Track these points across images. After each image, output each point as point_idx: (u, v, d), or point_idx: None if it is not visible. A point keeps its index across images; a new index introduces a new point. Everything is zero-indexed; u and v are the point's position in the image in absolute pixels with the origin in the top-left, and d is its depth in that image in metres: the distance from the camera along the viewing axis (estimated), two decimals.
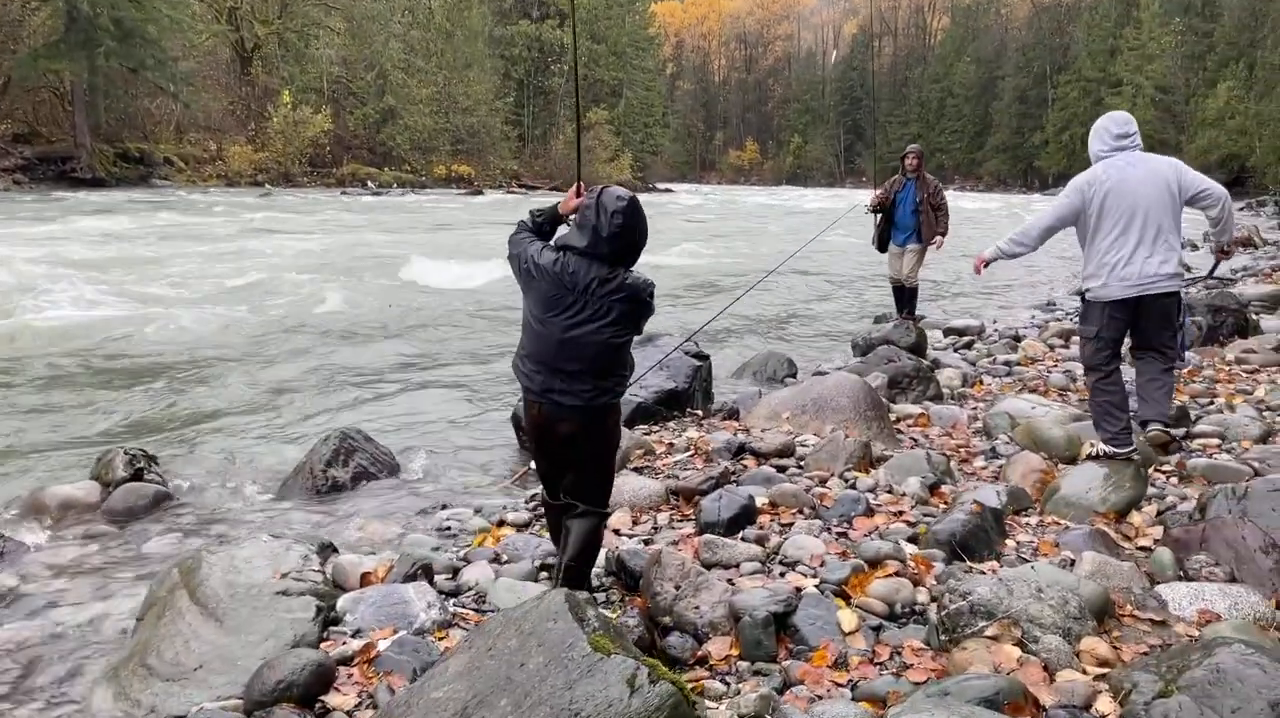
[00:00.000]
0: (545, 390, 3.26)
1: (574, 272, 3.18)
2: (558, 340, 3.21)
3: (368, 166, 56.96)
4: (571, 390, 3.23)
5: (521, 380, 3.36)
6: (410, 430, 6.45)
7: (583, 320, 3.18)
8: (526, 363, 3.32)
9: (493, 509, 4.81)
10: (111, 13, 39.96)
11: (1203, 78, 68.85)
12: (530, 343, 3.31)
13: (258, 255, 16.00)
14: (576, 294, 3.18)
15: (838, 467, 4.73)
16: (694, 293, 13.87)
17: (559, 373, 3.23)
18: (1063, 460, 5.15)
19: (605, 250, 3.18)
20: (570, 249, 3.22)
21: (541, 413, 3.32)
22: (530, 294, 3.30)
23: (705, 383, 6.63)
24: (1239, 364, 7.86)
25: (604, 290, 3.17)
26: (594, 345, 3.20)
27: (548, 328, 3.23)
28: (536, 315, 3.27)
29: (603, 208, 3.18)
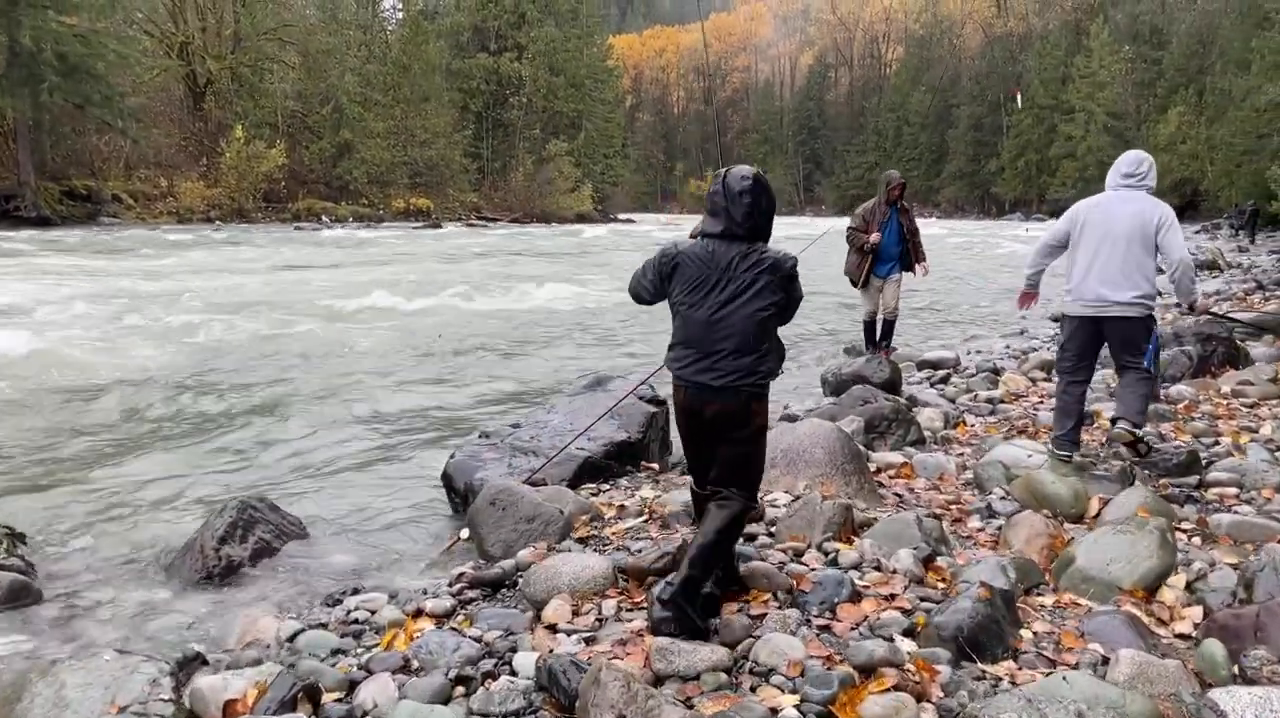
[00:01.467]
0: (694, 374, 3.39)
1: (713, 252, 3.39)
2: (707, 321, 3.37)
3: (324, 201, 56.16)
4: (719, 370, 3.35)
5: (672, 368, 3.50)
6: (327, 493, 5.68)
7: (729, 298, 3.35)
8: (677, 349, 3.47)
9: (410, 595, 4.07)
10: (56, 48, 38.92)
11: (1153, 104, 69.95)
12: (680, 329, 3.46)
13: (182, 295, 15.09)
14: (720, 273, 3.37)
15: (815, 536, 4.05)
16: (647, 329, 13.18)
17: (709, 354, 3.36)
18: (1069, 520, 4.51)
19: (741, 230, 3.38)
20: (708, 235, 3.43)
21: (689, 397, 3.45)
22: (676, 285, 3.47)
23: (662, 431, 5.94)
24: (1236, 398, 7.32)
25: (746, 265, 3.36)
26: (742, 321, 3.34)
27: (697, 310, 3.39)
28: (685, 300, 3.43)
29: (730, 190, 3.39)
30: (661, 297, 3.59)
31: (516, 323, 13.58)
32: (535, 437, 5.53)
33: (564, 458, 5.16)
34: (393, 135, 60.80)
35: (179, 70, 53.70)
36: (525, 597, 3.78)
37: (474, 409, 8.11)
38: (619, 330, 13.15)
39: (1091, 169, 74.29)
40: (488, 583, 4.06)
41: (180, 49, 54.01)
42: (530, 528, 4.46)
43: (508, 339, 12.07)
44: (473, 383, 9.28)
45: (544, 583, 3.73)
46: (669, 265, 3.48)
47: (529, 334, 12.54)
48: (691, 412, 3.47)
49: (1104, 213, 5.08)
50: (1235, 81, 49.62)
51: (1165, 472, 5.31)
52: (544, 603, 3.66)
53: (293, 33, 59.07)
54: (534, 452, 5.31)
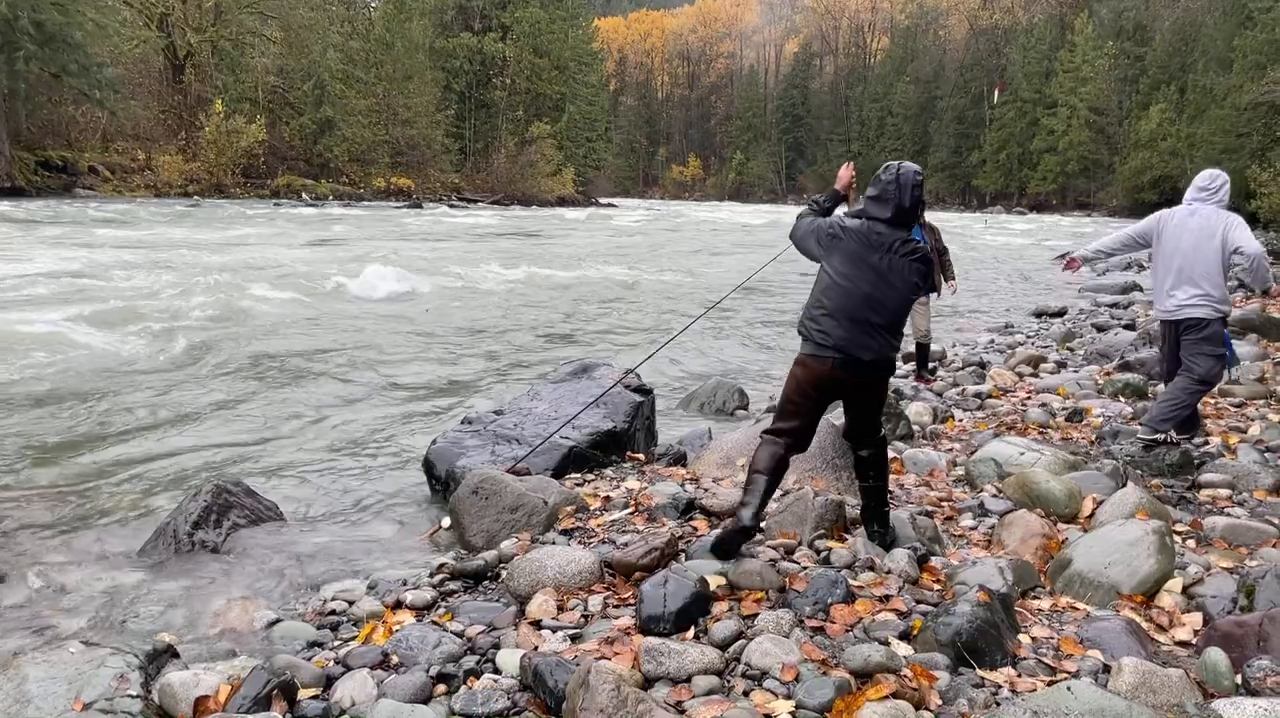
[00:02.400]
0: (844, 344, 3.61)
1: (879, 234, 3.65)
2: (865, 296, 3.61)
3: (304, 178, 55.56)
4: (869, 346, 3.61)
5: (815, 340, 3.67)
6: (304, 477, 5.53)
7: (885, 278, 3.62)
8: (824, 319, 3.65)
9: (389, 585, 3.95)
10: (32, 15, 38.21)
11: (1135, 100, 70.23)
12: (834, 299, 3.65)
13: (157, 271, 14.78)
14: (881, 254, 3.63)
15: (806, 533, 3.95)
16: (635, 317, 13.06)
17: (862, 327, 3.60)
18: (1063, 519, 4.44)
19: (906, 219, 3.68)
20: (873, 218, 3.68)
21: (833, 370, 3.64)
22: (835, 255, 3.70)
23: (648, 421, 5.83)
24: (1224, 397, 7.29)
25: (903, 252, 3.64)
26: (895, 302, 3.64)
27: (854, 283, 3.63)
28: (842, 272, 3.66)
29: (903, 183, 3.65)
30: (814, 258, 3.85)
31: (502, 305, 13.42)
32: (519, 424, 5.41)
33: (548, 447, 5.05)
34: (374, 113, 60.14)
35: (158, 42, 52.76)
36: (508, 590, 3.67)
37: (457, 393, 7.97)
38: (603, 315, 13.01)
39: (1073, 164, 74.72)
40: (469, 575, 3.95)
41: (160, 20, 53.08)
42: (514, 518, 4.35)
43: (492, 321, 11.91)
44: (456, 366, 9.14)
45: (528, 577, 3.63)
46: (831, 236, 3.74)
47: (514, 317, 12.39)
48: (829, 379, 3.67)
49: (1177, 225, 5.50)
50: (1217, 80, 49.95)
51: (1158, 472, 5.27)
52: (528, 597, 3.55)
53: (274, 6, 58.12)
54: (517, 439, 5.19)
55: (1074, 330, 11.46)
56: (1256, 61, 40.35)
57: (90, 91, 43.35)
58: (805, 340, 3.73)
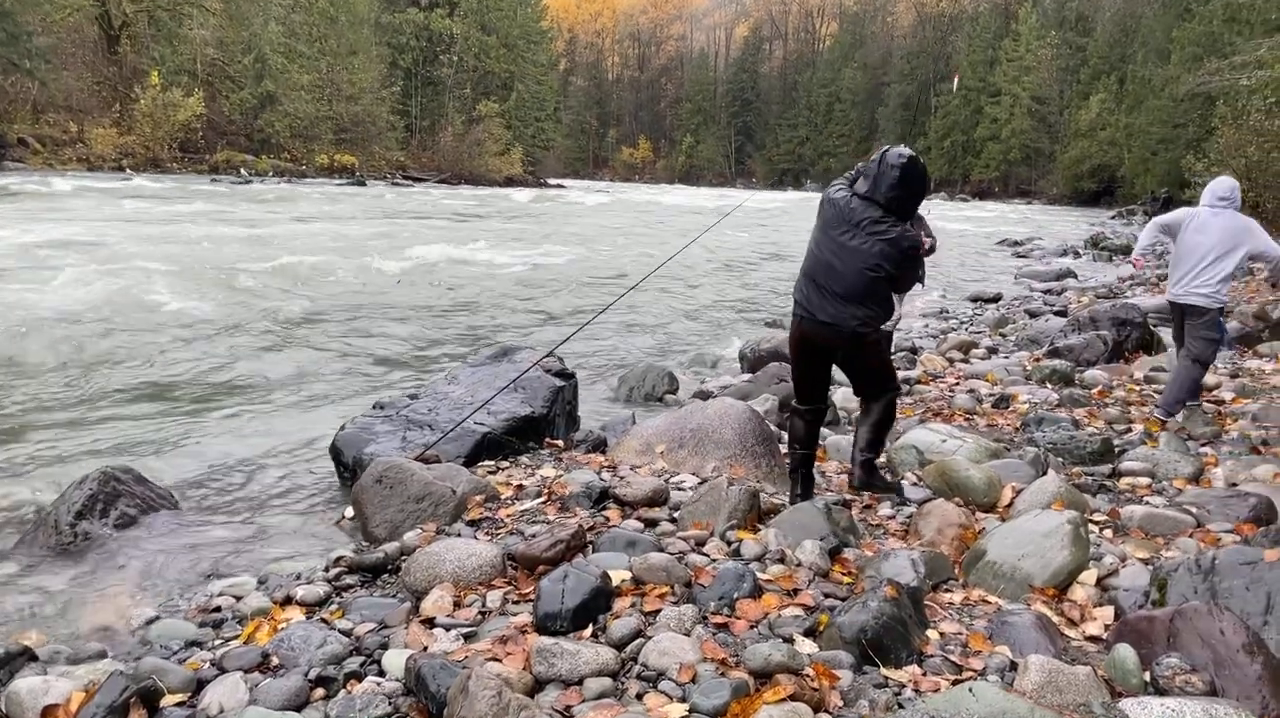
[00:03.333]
0: (810, 306, 3.92)
1: (853, 208, 3.84)
2: (825, 263, 3.88)
3: (244, 153, 54.24)
4: (827, 311, 3.87)
5: (795, 296, 4.02)
6: (206, 464, 5.28)
7: (845, 247, 3.83)
8: (802, 279, 3.97)
9: (281, 580, 3.75)
10: None
11: (1076, 90, 71.32)
12: (806, 263, 3.96)
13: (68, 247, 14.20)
14: (849, 227, 3.83)
15: (719, 523, 3.83)
16: (563, 299, 12.82)
17: (822, 292, 3.89)
18: (981, 509, 4.38)
19: (880, 199, 3.81)
20: (856, 193, 3.87)
21: (803, 326, 3.99)
22: (817, 222, 3.96)
23: (569, 406, 5.66)
24: (1149, 384, 7.34)
25: (872, 229, 3.80)
26: (852, 273, 3.82)
27: (820, 248, 3.91)
28: (816, 239, 3.95)
29: (885, 162, 3.80)
30: None
31: (436, 287, 13.13)
32: (434, 409, 5.21)
33: (461, 433, 4.86)
34: (318, 89, 58.85)
35: (92, 10, 51.02)
36: (405, 585, 3.50)
37: (376, 377, 7.73)
38: (539, 299, 12.79)
39: (1015, 152, 75.74)
40: (368, 568, 3.77)
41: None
42: (419, 508, 4.16)
43: (423, 304, 11.62)
44: (378, 350, 8.84)
45: (425, 571, 3.46)
46: (820, 204, 4.00)
47: (448, 300, 12.11)
48: (804, 338, 4.03)
49: (1201, 222, 6.15)
50: (1155, 71, 50.86)
51: (1079, 459, 5.24)
52: (424, 593, 3.39)
53: None
54: (430, 425, 5.00)
55: (1007, 316, 11.52)
56: (1194, 53, 41.05)
57: (19, 61, 41.94)
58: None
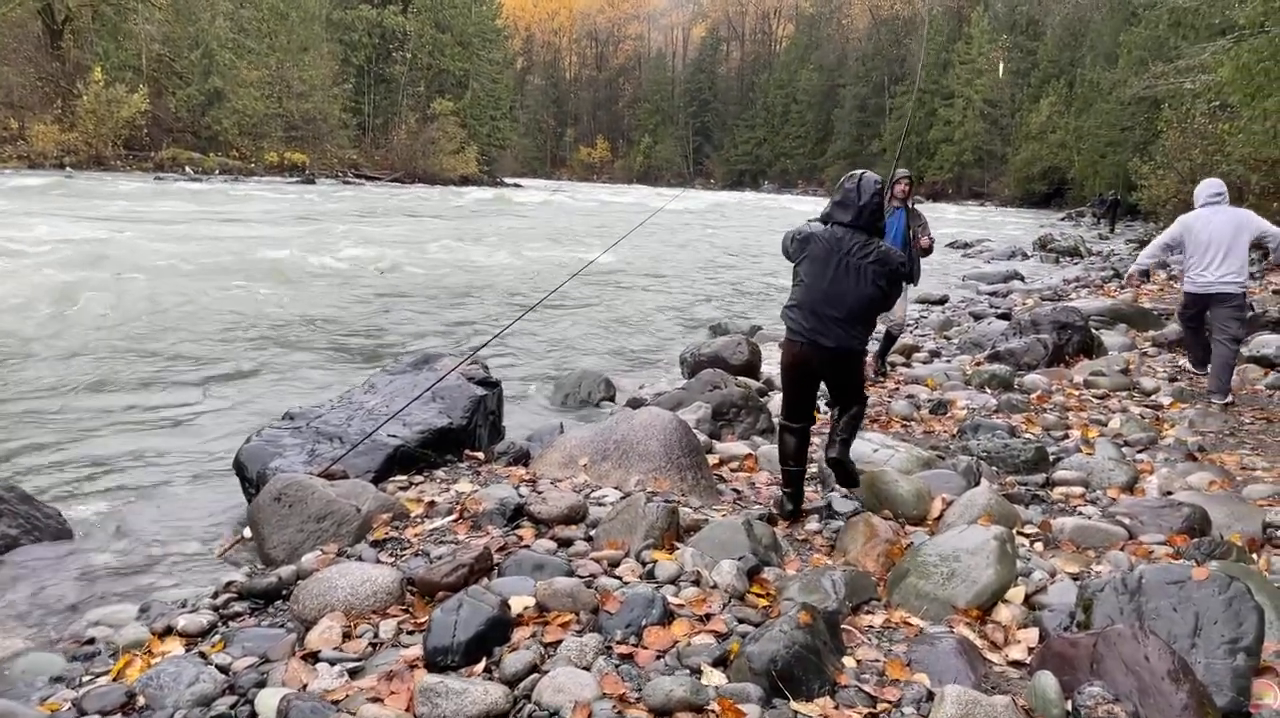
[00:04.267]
0: (809, 333, 4.14)
1: (840, 238, 4.10)
2: (824, 292, 4.09)
3: (190, 151, 53.14)
4: (828, 334, 4.12)
5: (789, 325, 4.25)
6: (101, 480, 5.00)
7: (843, 278, 4.07)
8: (795, 310, 4.20)
9: (164, 608, 3.51)
10: None
11: (1027, 93, 72.23)
12: (799, 295, 4.20)
13: None
14: (841, 256, 4.07)
15: (635, 542, 3.64)
16: (500, 300, 12.51)
17: (821, 319, 4.10)
18: (911, 522, 4.24)
19: (864, 222, 4.10)
20: (836, 222, 4.14)
21: (803, 350, 4.21)
22: (804, 256, 4.19)
23: (492, 416, 5.44)
24: (1088, 388, 7.28)
25: (861, 254, 4.07)
26: (851, 296, 4.08)
27: (816, 280, 4.11)
28: (809, 272, 4.16)
29: (863, 190, 4.09)
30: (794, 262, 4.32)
31: (366, 289, 12.82)
32: (347, 420, 4.97)
33: (371, 446, 4.63)
34: (267, 85, 57.82)
35: (34, 5, 49.71)
36: (294, 614, 3.27)
37: (291, 387, 7.33)
38: (474, 300, 12.53)
39: (968, 154, 76.51)
40: (259, 594, 3.53)
41: None
42: (320, 528, 3.93)
43: (349, 305, 11.28)
44: (297, 357, 8.42)
45: (316, 598, 3.24)
46: (802, 240, 4.22)
47: (378, 304, 11.81)
48: (803, 361, 4.24)
49: (1205, 221, 6.74)
50: (1103, 74, 51.57)
51: (1013, 468, 5.13)
52: (313, 622, 3.16)
53: None
54: (341, 438, 4.76)
55: (952, 319, 11.48)
56: (1140, 57, 41.63)
57: None
58: (785, 326, 4.32)
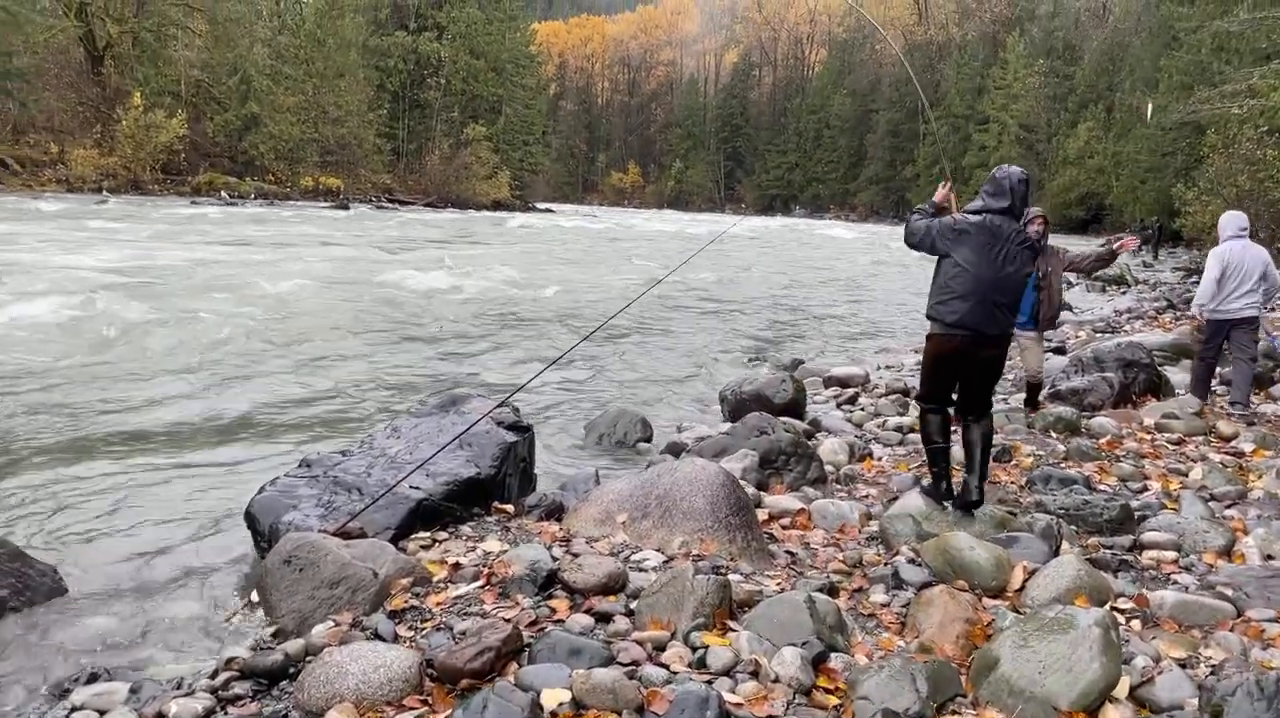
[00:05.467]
0: (975, 322, 4.35)
1: (998, 225, 4.35)
2: (991, 279, 4.31)
3: (227, 175, 53.67)
4: (997, 321, 4.38)
5: (946, 321, 4.42)
6: (104, 533, 4.64)
7: (1006, 263, 4.33)
8: (954, 301, 4.36)
9: (157, 688, 3.14)
10: None
11: (1064, 118, 71.41)
12: (962, 285, 4.35)
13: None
14: (1002, 243, 4.32)
15: (682, 622, 3.23)
16: (536, 334, 12.07)
17: (991, 306, 4.34)
18: (989, 593, 3.79)
19: (1019, 210, 4.41)
20: (991, 211, 4.39)
21: (963, 341, 4.41)
22: (963, 247, 4.38)
23: (523, 463, 5.05)
24: (1160, 432, 6.78)
25: (1019, 239, 4.35)
26: (1015, 283, 4.39)
27: (982, 269, 4.32)
28: (971, 260, 4.34)
29: (1013, 179, 4.42)
30: (933, 253, 4.55)
31: (390, 318, 12.52)
32: (368, 468, 4.60)
33: (392, 499, 4.25)
34: (303, 111, 58.45)
35: (74, 31, 50.55)
36: (298, 704, 2.88)
37: (316, 424, 6.93)
38: (508, 333, 12.18)
39: None
40: (262, 674, 3.15)
41: (79, 9, 50.76)
42: (333, 596, 3.56)
43: (377, 336, 10.94)
44: (321, 390, 8.02)
45: (324, 686, 2.85)
46: (957, 232, 4.41)
47: (405, 331, 11.50)
48: (963, 353, 4.45)
49: (1239, 254, 7.55)
50: (1143, 99, 50.78)
51: (1095, 528, 4.67)
52: (322, 714, 2.78)
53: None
54: (360, 489, 4.39)
55: None
56: (1182, 82, 40.90)
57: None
58: (934, 322, 4.51)
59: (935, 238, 4.50)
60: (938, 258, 4.54)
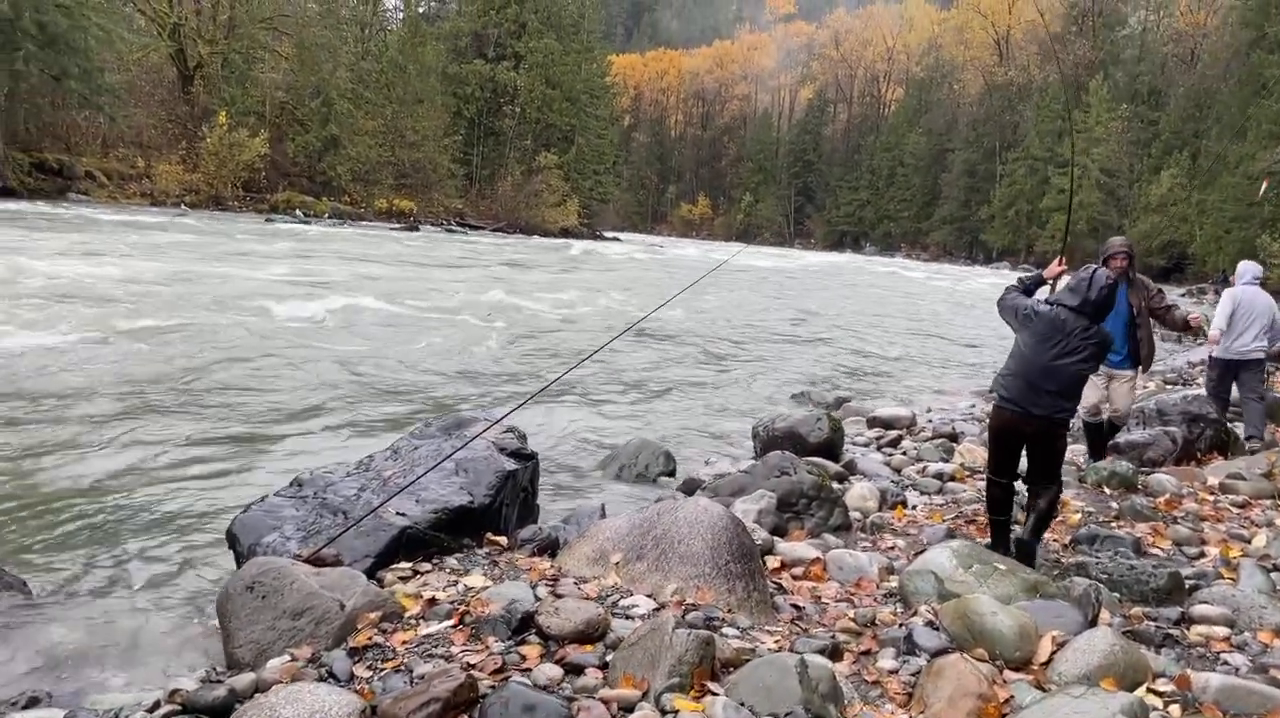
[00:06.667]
0: (1021, 402, 4.59)
1: (1064, 320, 4.57)
2: (1043, 366, 4.55)
3: (305, 195, 54.89)
4: (1044, 407, 4.57)
5: (1001, 394, 4.73)
6: (82, 543, 4.50)
7: (1061, 355, 4.54)
8: (1009, 379, 4.67)
9: (98, 715, 2.94)
10: (35, 16, 37.85)
11: (1147, 164, 69.66)
12: (1016, 365, 4.66)
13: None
14: (1063, 336, 4.55)
15: (657, 680, 2.93)
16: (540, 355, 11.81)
17: (1035, 388, 4.56)
18: (1011, 666, 3.42)
19: (1089, 311, 4.58)
20: (1063, 305, 4.62)
21: (1012, 419, 4.66)
22: (1026, 331, 4.66)
23: (524, 493, 4.79)
24: (1224, 493, 6.28)
25: (1083, 334, 4.56)
26: (1067, 373, 4.57)
27: (1037, 356, 4.57)
28: (1030, 345, 4.62)
29: (1094, 283, 4.58)
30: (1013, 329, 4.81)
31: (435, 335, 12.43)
32: (359, 490, 4.40)
33: (375, 525, 4.02)
34: (381, 134, 59.78)
35: (165, 50, 52.42)
36: None
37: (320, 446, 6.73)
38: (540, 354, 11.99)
39: (1081, 224, 73.87)
40: (204, 710, 2.93)
41: (172, 30, 52.65)
42: (295, 627, 3.34)
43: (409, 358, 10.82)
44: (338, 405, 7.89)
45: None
46: (1025, 315, 4.68)
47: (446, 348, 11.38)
48: (1012, 427, 4.68)
49: (1250, 298, 8.19)
50: (1230, 147, 49.25)
51: (1140, 596, 4.24)
52: None
53: (289, 23, 58.02)
54: (346, 512, 4.18)
55: None
56: (1271, 131, 39.65)
57: (91, 97, 43.14)
58: (996, 392, 4.81)
59: (1012, 314, 4.77)
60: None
